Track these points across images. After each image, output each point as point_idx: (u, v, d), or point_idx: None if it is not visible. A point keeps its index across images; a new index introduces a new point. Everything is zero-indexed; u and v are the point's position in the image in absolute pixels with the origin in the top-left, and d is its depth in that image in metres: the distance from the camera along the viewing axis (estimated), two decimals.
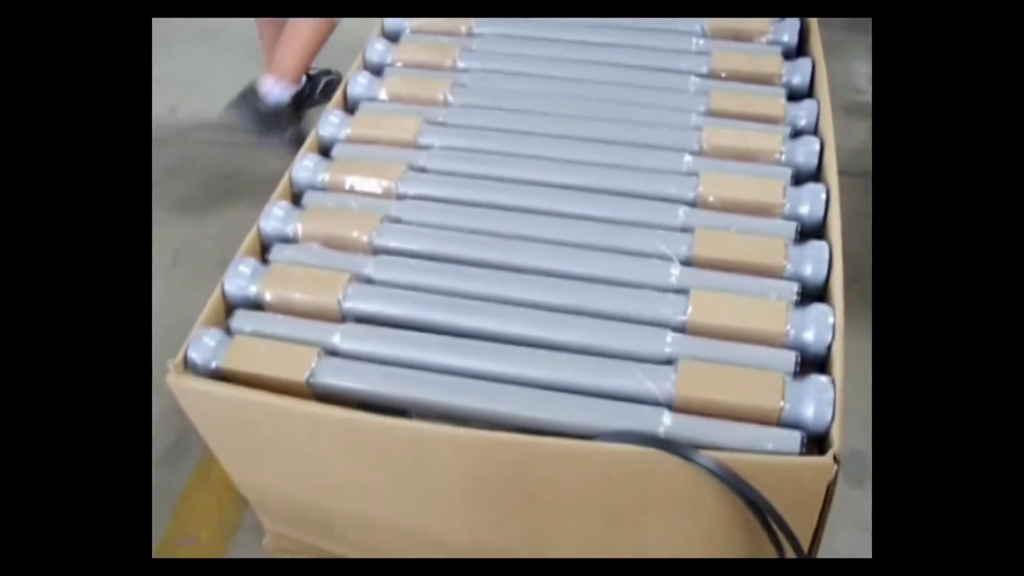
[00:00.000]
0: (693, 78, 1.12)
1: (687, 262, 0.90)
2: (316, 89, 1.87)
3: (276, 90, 1.71)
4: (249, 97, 1.71)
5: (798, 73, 1.11)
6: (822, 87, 1.07)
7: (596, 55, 1.19)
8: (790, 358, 0.80)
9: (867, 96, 1.89)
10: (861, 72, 1.96)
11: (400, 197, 1.01)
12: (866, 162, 1.49)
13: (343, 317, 0.90)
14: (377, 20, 1.29)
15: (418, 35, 1.26)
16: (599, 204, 0.97)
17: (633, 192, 0.98)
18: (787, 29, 1.17)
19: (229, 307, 0.93)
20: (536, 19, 1.26)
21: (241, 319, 0.90)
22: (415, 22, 1.27)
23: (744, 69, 1.12)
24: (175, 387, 0.84)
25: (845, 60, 1.98)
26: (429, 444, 0.81)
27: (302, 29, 1.68)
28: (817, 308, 0.83)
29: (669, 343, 0.82)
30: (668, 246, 0.91)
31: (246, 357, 0.86)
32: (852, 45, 2.00)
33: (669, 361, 0.82)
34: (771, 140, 1.01)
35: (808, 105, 1.06)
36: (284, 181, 1.04)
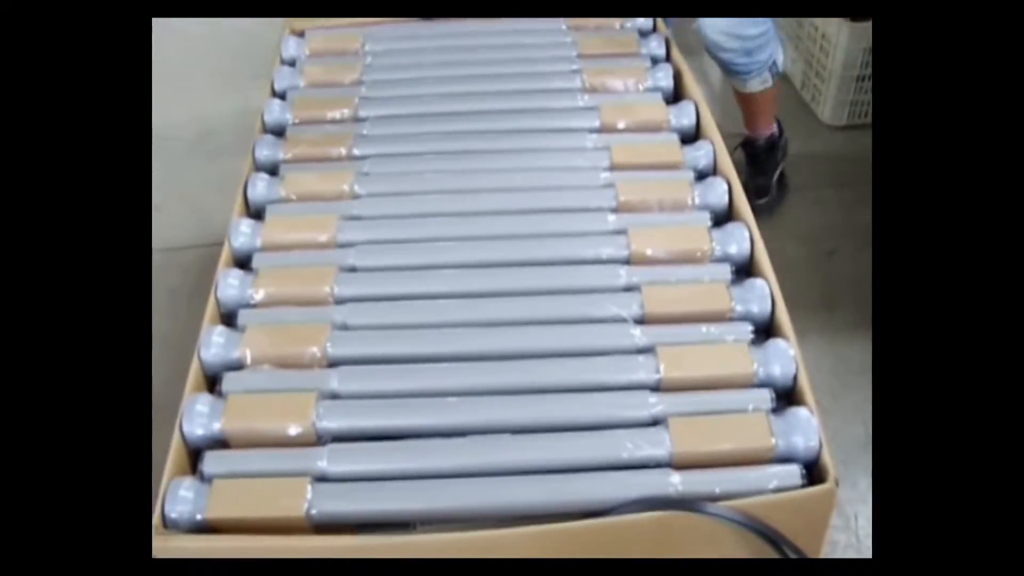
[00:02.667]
0: (589, 135, 1.17)
1: (640, 320, 0.94)
2: None
3: None
4: None
5: (685, 117, 1.18)
6: (710, 127, 1.15)
7: (486, 124, 1.22)
8: (765, 396, 0.86)
9: None
10: None
11: (339, 301, 0.99)
12: None
13: (319, 439, 0.88)
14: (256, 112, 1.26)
15: (302, 128, 1.24)
16: (539, 276, 1.00)
17: (569, 259, 1.01)
18: (662, 74, 1.25)
19: (192, 450, 0.88)
20: (416, 94, 1.28)
21: (213, 461, 0.86)
22: (296, 113, 1.25)
23: (634, 119, 1.18)
24: (162, 552, 0.79)
25: None
26: (441, 552, 0.80)
27: None
28: (776, 344, 0.89)
29: (653, 403, 0.86)
30: (620, 308, 0.94)
31: (232, 501, 0.82)
32: None
33: (655, 421, 0.85)
34: (680, 187, 1.07)
35: (704, 146, 1.13)
36: (211, 303, 1.00)
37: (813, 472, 0.82)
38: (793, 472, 0.80)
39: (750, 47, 1.42)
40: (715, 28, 1.40)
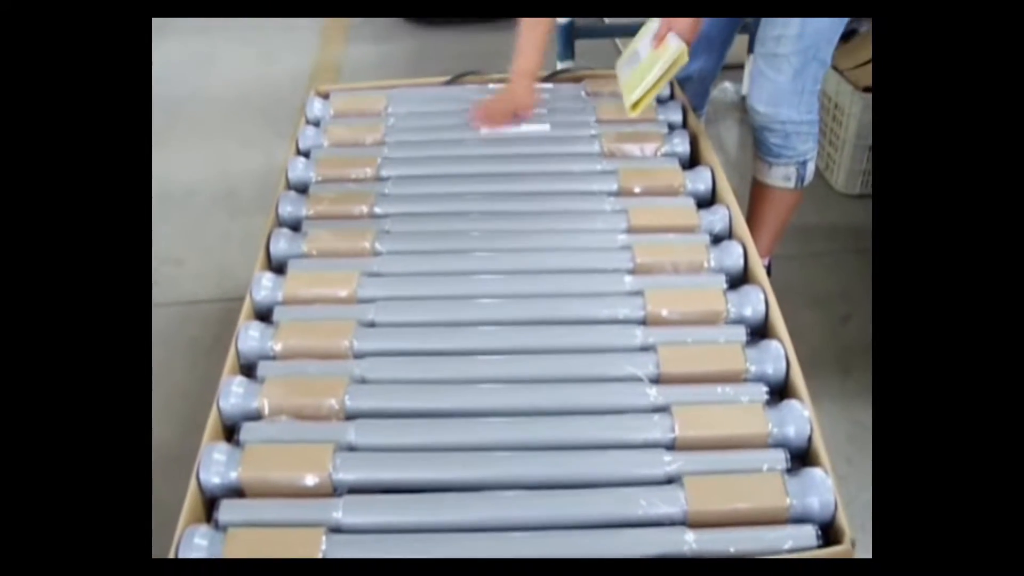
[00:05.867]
0: (607, 198, 1.19)
1: (656, 380, 0.95)
2: None
3: None
4: None
5: (700, 182, 1.20)
6: (726, 192, 1.17)
7: (505, 186, 1.24)
8: (780, 456, 0.86)
9: None
10: None
11: (358, 355, 1.01)
12: None
13: (335, 490, 0.88)
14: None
15: (325, 185, 1.27)
16: (556, 335, 1.01)
17: (586, 319, 1.02)
18: (679, 140, 1.28)
19: (209, 498, 0.89)
20: (437, 155, 1.31)
21: (228, 510, 0.86)
22: (319, 171, 1.28)
23: (651, 184, 1.20)
24: None
25: None
26: None
27: None
28: (791, 405, 0.90)
29: (668, 462, 0.86)
30: (636, 368, 0.95)
31: (247, 550, 0.82)
32: None
33: (670, 480, 0.86)
34: (696, 250, 1.09)
35: (719, 211, 1.15)
36: (231, 354, 1.01)
37: (829, 533, 0.82)
38: (808, 533, 0.80)
39: (790, 131, 1.44)
40: (760, 99, 1.41)
